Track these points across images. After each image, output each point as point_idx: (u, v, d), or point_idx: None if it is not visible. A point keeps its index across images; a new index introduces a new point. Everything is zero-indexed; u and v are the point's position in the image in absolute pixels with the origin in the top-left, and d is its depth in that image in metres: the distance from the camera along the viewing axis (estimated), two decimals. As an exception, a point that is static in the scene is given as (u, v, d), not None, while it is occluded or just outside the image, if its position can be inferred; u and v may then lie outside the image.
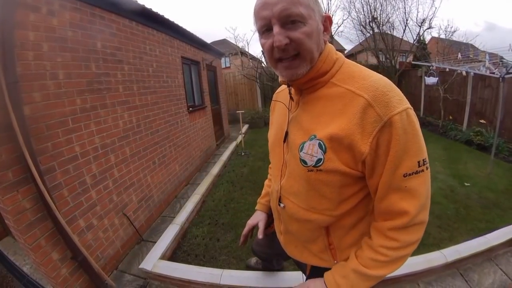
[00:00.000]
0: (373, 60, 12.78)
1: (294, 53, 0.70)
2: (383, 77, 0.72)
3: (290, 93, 0.87)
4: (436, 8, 11.84)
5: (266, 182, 1.34)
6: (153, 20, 3.66)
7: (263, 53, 1.05)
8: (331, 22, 0.77)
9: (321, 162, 0.73)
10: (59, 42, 2.09)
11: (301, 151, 0.77)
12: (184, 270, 2.27)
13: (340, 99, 0.72)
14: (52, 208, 1.82)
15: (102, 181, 2.50)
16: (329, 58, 0.76)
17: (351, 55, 20.21)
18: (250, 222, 1.25)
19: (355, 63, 0.79)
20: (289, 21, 0.67)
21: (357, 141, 0.67)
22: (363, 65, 0.77)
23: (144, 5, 3.25)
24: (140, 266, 2.34)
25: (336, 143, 0.70)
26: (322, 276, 0.90)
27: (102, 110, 2.55)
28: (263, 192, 1.32)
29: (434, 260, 2.15)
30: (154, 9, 3.51)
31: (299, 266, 1.19)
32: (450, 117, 7.55)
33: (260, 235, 1.14)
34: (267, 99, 11.31)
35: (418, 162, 0.70)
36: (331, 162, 0.72)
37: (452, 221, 3.00)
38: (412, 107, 0.71)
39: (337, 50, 0.79)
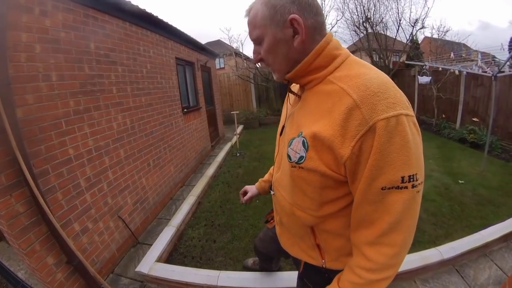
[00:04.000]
0: (366, 60, 12.81)
1: (268, 65, 0.81)
2: (382, 75, 0.66)
3: (288, 88, 0.96)
4: (428, 8, 11.96)
5: (271, 169, 1.39)
6: (147, 21, 3.64)
7: None
8: (299, 22, 0.70)
9: (303, 160, 0.72)
10: (52, 43, 2.07)
11: (289, 146, 0.78)
12: (181, 273, 2.26)
13: (330, 97, 0.68)
14: (46, 212, 1.79)
15: (97, 183, 2.47)
16: (326, 53, 0.73)
17: (345, 55, 20.34)
18: (242, 189, 1.48)
19: (360, 60, 0.75)
20: (256, 42, 0.80)
21: (337, 144, 0.64)
22: None
23: (138, 6, 3.23)
24: (137, 269, 2.32)
25: (318, 142, 0.68)
26: (314, 272, 0.96)
27: (96, 112, 2.53)
28: (266, 175, 1.42)
29: (430, 257, 2.17)
30: (148, 10, 3.49)
31: (294, 262, 1.17)
32: (444, 116, 7.63)
33: (243, 200, 1.43)
34: (261, 99, 11.32)
35: (402, 177, 0.62)
36: (312, 161, 0.70)
37: (447, 218, 3.03)
38: (412, 115, 0.65)
39: None
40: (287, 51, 0.75)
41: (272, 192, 1.04)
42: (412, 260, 2.15)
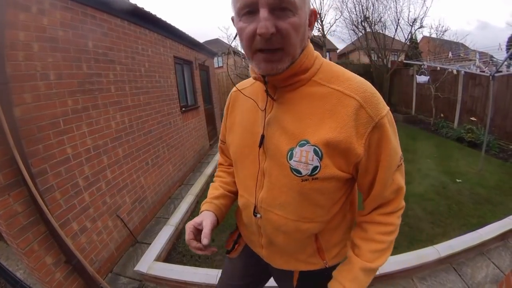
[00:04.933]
0: (365, 59, 12.88)
1: (278, 46, 0.61)
2: (362, 78, 0.71)
3: (267, 90, 0.74)
4: (427, 7, 11.99)
5: (216, 184, 1.06)
6: (145, 20, 3.62)
7: (235, 39, 0.71)
8: (316, 17, 0.70)
9: (318, 170, 0.68)
10: (50, 42, 2.06)
11: (290, 159, 0.69)
12: (179, 271, 2.26)
13: (328, 99, 0.67)
14: (45, 211, 1.79)
15: (95, 183, 2.47)
16: (311, 54, 0.71)
17: (344, 54, 20.36)
18: (192, 223, 0.89)
19: (333, 63, 0.76)
20: (279, 7, 0.58)
21: (354, 144, 0.65)
22: (355, 64, 0.77)
23: (136, 4, 3.22)
24: (135, 268, 2.31)
25: (332, 148, 0.66)
26: (312, 279, 0.90)
27: (94, 111, 2.52)
28: (215, 192, 1.01)
29: (428, 256, 2.18)
30: (146, 9, 3.48)
31: (277, 278, 1.06)
32: (442, 115, 7.65)
33: (205, 239, 0.79)
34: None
35: (400, 157, 0.75)
36: (328, 169, 0.68)
37: (445, 217, 3.04)
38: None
39: (329, 49, 0.79)
40: (303, 40, 0.66)
41: (258, 216, 0.83)
42: (410, 259, 2.16)
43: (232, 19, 0.69)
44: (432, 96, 7.60)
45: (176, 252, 2.74)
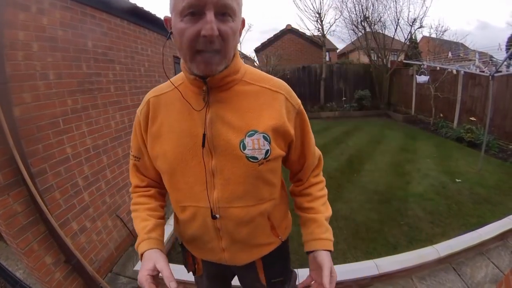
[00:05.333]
0: (365, 59, 12.89)
1: (219, 48, 0.65)
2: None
3: (208, 90, 0.75)
4: (427, 7, 11.97)
5: (142, 214, 0.90)
6: (144, 19, 3.62)
7: (171, 34, 0.70)
8: (244, 26, 0.75)
9: (269, 153, 0.77)
10: (49, 41, 2.06)
11: (244, 149, 0.75)
12: (179, 271, 2.25)
13: (260, 95, 0.79)
14: (44, 211, 1.79)
15: (95, 182, 2.47)
16: (239, 58, 0.79)
17: (343, 54, 20.36)
18: (145, 272, 0.76)
19: (251, 66, 0.87)
20: (222, 12, 0.62)
21: (288, 127, 0.79)
22: (355, 64, 0.81)
23: (135, 4, 3.22)
24: (135, 268, 2.31)
25: (275, 132, 0.78)
26: (274, 259, 1.00)
27: (94, 110, 2.52)
28: (146, 224, 0.87)
29: (427, 255, 2.18)
30: (146, 8, 3.48)
31: (243, 276, 1.10)
32: (441, 115, 7.66)
33: (171, 283, 0.72)
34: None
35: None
36: (275, 150, 0.79)
37: (444, 216, 3.05)
38: None
39: (328, 49, 0.82)
40: (236, 44, 0.73)
41: (217, 217, 0.81)
42: (410, 258, 2.16)
43: (166, 19, 0.71)
44: (431, 96, 7.61)
45: (176, 251, 2.74)
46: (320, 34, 11.91)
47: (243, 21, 0.74)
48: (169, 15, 0.69)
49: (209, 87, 0.74)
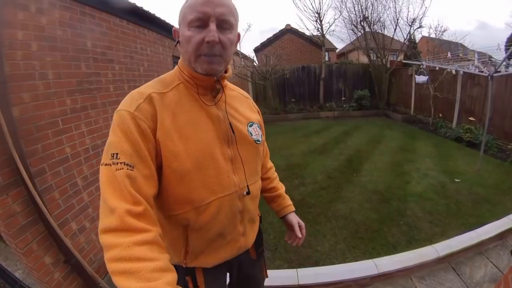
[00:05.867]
0: (364, 59, 12.90)
1: (218, 53, 0.77)
2: None
3: (222, 86, 0.88)
4: (426, 7, 11.97)
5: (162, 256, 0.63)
6: (144, 19, 3.62)
7: (178, 42, 0.83)
8: (239, 39, 0.89)
9: (261, 137, 1.01)
10: (48, 41, 2.05)
11: (251, 135, 0.95)
12: (179, 271, 2.25)
13: (241, 98, 1.03)
14: (43, 211, 1.78)
15: (94, 182, 2.46)
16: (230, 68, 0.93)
17: (343, 54, 20.36)
18: None
19: None
20: (222, 25, 0.76)
21: (261, 122, 1.05)
22: (354, 63, 0.83)
23: (135, 3, 3.22)
24: (135, 268, 2.31)
25: (259, 124, 1.03)
26: (257, 238, 1.09)
27: (93, 110, 2.51)
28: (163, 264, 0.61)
29: (426, 255, 2.19)
30: (145, 8, 3.48)
31: (239, 267, 1.09)
32: (440, 115, 7.67)
33: None
34: (259, 98, 11.31)
35: None
36: (262, 137, 1.02)
37: (443, 216, 3.05)
38: None
39: (328, 49, 0.83)
40: (232, 52, 0.84)
41: (250, 192, 0.92)
42: (409, 258, 2.17)
43: (175, 30, 0.85)
44: (431, 96, 7.62)
45: None
46: (319, 34, 11.92)
47: (239, 35, 0.87)
48: (177, 26, 0.83)
49: (213, 88, 0.86)
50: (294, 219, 1.18)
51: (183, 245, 0.88)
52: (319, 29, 11.67)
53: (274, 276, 2.09)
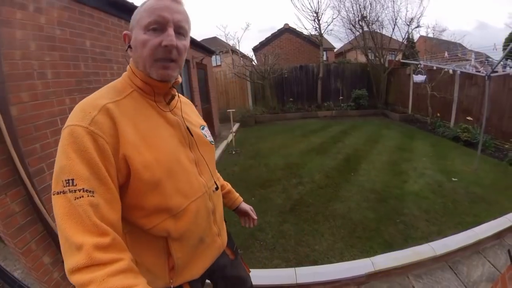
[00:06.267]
0: (362, 59, 12.92)
1: (174, 58, 0.77)
2: None
3: (178, 93, 0.93)
4: (424, 7, 12.03)
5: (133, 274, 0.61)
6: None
7: (129, 47, 0.83)
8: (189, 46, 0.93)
9: (212, 139, 1.04)
10: (47, 40, 2.05)
11: (206, 137, 0.99)
12: None
13: (190, 104, 1.07)
14: (42, 210, 1.78)
15: (93, 182, 2.45)
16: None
17: (341, 54, 20.38)
18: None
19: None
20: (178, 31, 0.77)
21: (205, 124, 1.07)
22: (352, 63, 0.82)
23: (133, 3, 3.21)
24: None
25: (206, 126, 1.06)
26: (228, 237, 1.12)
27: (92, 110, 2.50)
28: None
29: (423, 253, 2.21)
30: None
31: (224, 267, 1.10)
32: (438, 114, 7.71)
33: None
34: (257, 97, 11.32)
35: None
36: (211, 138, 1.04)
37: (440, 215, 3.07)
38: None
39: (326, 48, 0.82)
40: (184, 58, 0.86)
41: (218, 187, 1.00)
42: (405, 256, 2.19)
43: (125, 34, 0.83)
44: (428, 96, 7.66)
45: None
46: (317, 34, 11.93)
47: (190, 45, 0.94)
48: (128, 32, 0.82)
49: (167, 94, 0.87)
50: (246, 206, 1.32)
51: (166, 261, 0.83)
52: (317, 28, 11.70)
53: (272, 275, 2.11)
